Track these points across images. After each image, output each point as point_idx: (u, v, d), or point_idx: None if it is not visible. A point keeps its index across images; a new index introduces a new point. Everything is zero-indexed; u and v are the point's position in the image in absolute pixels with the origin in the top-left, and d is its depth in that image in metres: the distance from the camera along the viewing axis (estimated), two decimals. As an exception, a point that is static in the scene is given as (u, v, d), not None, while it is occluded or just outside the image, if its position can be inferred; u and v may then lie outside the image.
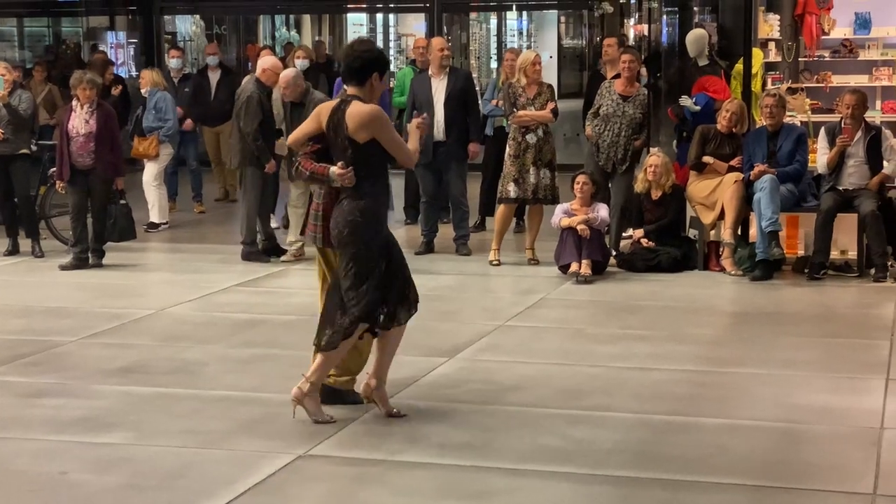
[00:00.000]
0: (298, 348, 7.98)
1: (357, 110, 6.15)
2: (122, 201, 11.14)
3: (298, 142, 6.49)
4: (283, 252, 11.19)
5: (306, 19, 23.29)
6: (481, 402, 6.70)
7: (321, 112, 6.33)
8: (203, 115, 14.66)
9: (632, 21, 23.25)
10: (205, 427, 6.28)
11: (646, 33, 17.35)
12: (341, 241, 6.26)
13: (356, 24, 22.81)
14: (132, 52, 20.25)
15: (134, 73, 19.13)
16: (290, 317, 8.95)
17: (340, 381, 6.64)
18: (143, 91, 13.41)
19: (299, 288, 10.19)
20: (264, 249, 11.22)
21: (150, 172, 13.06)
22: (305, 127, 6.46)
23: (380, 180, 6.32)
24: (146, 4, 19.47)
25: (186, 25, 21.75)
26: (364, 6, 22.71)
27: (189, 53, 20.51)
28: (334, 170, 6.21)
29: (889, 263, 10.03)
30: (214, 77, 14.95)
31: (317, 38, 22.53)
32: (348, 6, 22.31)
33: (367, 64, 6.22)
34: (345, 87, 6.39)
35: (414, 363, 7.51)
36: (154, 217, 13.01)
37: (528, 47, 23.83)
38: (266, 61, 11.29)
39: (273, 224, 12.12)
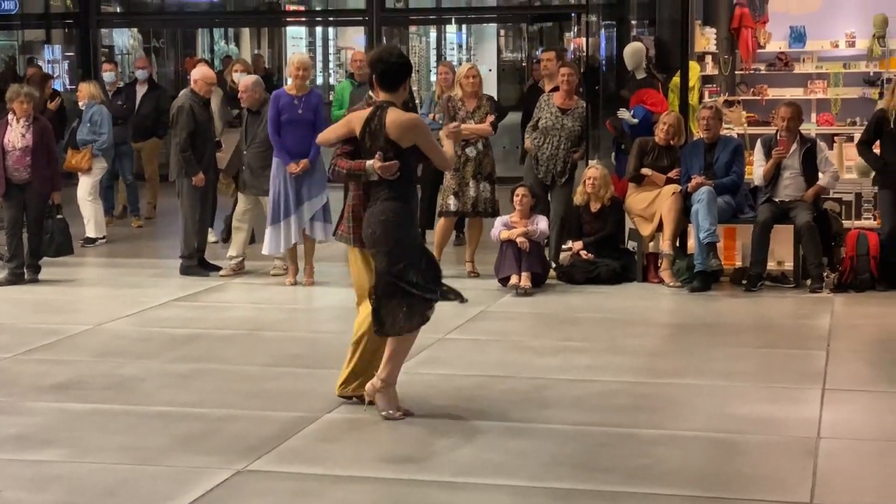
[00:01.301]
0: (237, 362, 7.97)
1: (399, 118, 6.41)
2: (59, 216, 11.02)
3: (328, 142, 6.76)
4: (211, 266, 11.11)
5: (245, 33, 23.21)
6: (421, 416, 6.68)
7: (352, 120, 6.58)
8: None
9: (571, 35, 23.38)
10: (142, 443, 6.23)
11: (584, 47, 17.45)
12: (376, 241, 6.46)
13: (295, 38, 22.76)
14: (67, 66, 20.07)
15: (70, 87, 18.97)
16: (229, 331, 8.90)
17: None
18: (80, 104, 13.31)
19: (238, 302, 10.14)
20: (201, 262, 11.14)
21: (84, 187, 12.93)
22: (336, 129, 6.72)
23: (411, 183, 6.61)
24: (83, 18, 19.31)
25: (124, 39, 21.60)
26: (303, 20, 22.73)
27: (126, 67, 20.35)
28: (372, 163, 6.38)
29: (825, 274, 10.15)
30: (141, 91, 14.79)
31: (255, 52, 22.46)
32: (287, 19, 22.30)
33: (400, 70, 6.52)
34: (370, 93, 6.71)
35: (354, 377, 7.49)
36: (90, 232, 12.89)
37: (468, 60, 23.90)
38: (198, 72, 11.24)
39: (211, 238, 12.05)
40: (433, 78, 23.59)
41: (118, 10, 21.35)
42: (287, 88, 10.65)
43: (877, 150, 10.42)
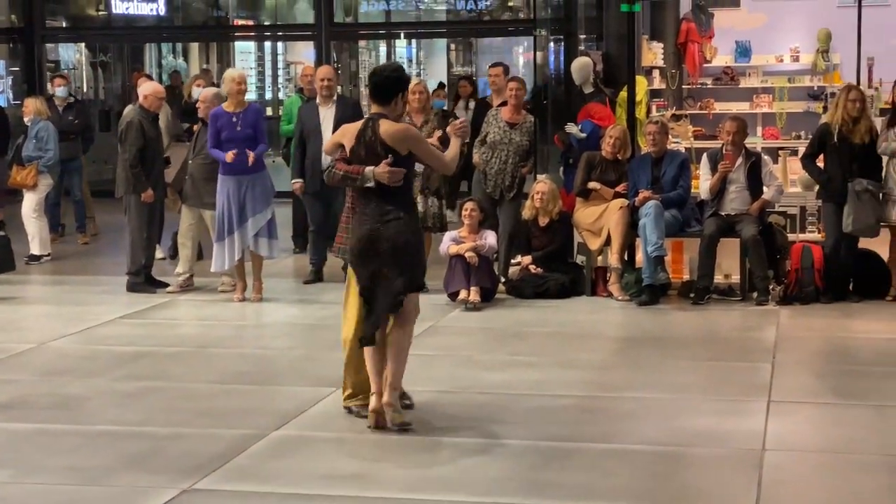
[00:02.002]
0: (184, 380, 7.92)
1: (391, 129, 6.52)
2: (1, 233, 10.91)
3: (329, 152, 6.92)
4: (159, 283, 11.04)
5: (194, 47, 23.11)
6: (370, 432, 6.67)
7: (346, 132, 6.69)
8: None
9: (521, 49, 23.48)
10: (87, 463, 6.17)
11: (532, 61, 17.55)
12: (391, 261, 6.49)
13: (244, 52, 22.72)
14: (11, 81, 19.88)
15: (14, 102, 18.79)
16: (176, 348, 8.85)
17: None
18: (25, 120, 13.19)
19: (186, 319, 10.09)
20: (148, 279, 11.08)
21: (29, 204, 12.81)
22: (331, 141, 6.89)
23: (409, 197, 6.70)
24: (27, 32, 19.16)
25: (70, 53, 21.44)
26: (252, 34, 22.66)
27: (74, 82, 20.19)
28: (372, 168, 6.44)
29: (770, 287, 10.24)
30: (62, 108, 14.57)
31: (204, 66, 22.36)
32: (236, 34, 22.24)
33: (393, 83, 6.63)
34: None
35: (302, 393, 7.48)
36: (35, 249, 12.75)
37: (417, 75, 23.94)
38: (147, 87, 11.18)
39: (158, 254, 11.98)
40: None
41: (64, 24, 21.19)
42: (225, 106, 10.60)
43: (821, 164, 10.52)
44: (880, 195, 10.22)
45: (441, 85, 13.10)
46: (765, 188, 10.52)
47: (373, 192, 6.53)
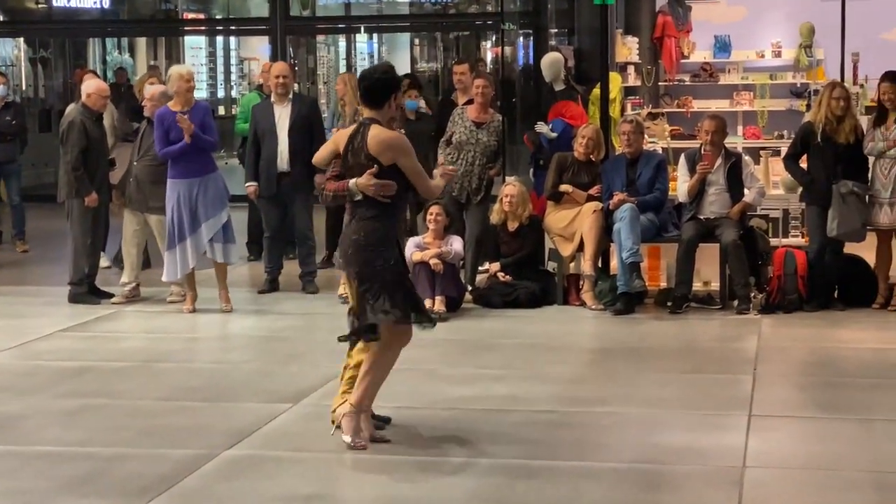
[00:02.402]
0: (130, 397, 7.88)
1: (379, 134, 6.59)
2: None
3: (322, 161, 6.90)
4: (103, 293, 10.98)
5: (141, 42, 23.02)
6: (328, 451, 6.66)
7: (338, 138, 6.80)
8: None
9: (488, 44, 23.52)
10: (24, 486, 6.12)
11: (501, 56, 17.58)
12: (347, 261, 6.67)
13: (194, 48, 22.64)
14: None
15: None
16: (122, 363, 8.81)
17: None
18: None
19: (132, 332, 10.05)
20: (92, 289, 11.01)
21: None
22: (325, 148, 6.92)
23: (393, 206, 6.68)
24: (-38, 27, 19.04)
25: (7, 49, 21.31)
26: (203, 28, 22.59)
27: (11, 80, 20.06)
28: (356, 181, 6.54)
29: (752, 294, 10.29)
30: None
31: (151, 63, 22.29)
32: (186, 28, 22.16)
33: (385, 86, 6.70)
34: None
35: (256, 410, 7.46)
36: (-31, 258, 12.67)
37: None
38: (91, 85, 11.12)
39: (104, 263, 11.91)
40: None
41: (0, 18, 21.06)
42: (171, 105, 10.57)
43: (804, 165, 10.58)
44: (866, 198, 10.29)
45: (414, 84, 13.05)
46: (745, 190, 10.57)
47: (357, 201, 6.63)
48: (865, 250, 10.51)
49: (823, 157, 10.30)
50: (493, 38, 21.18)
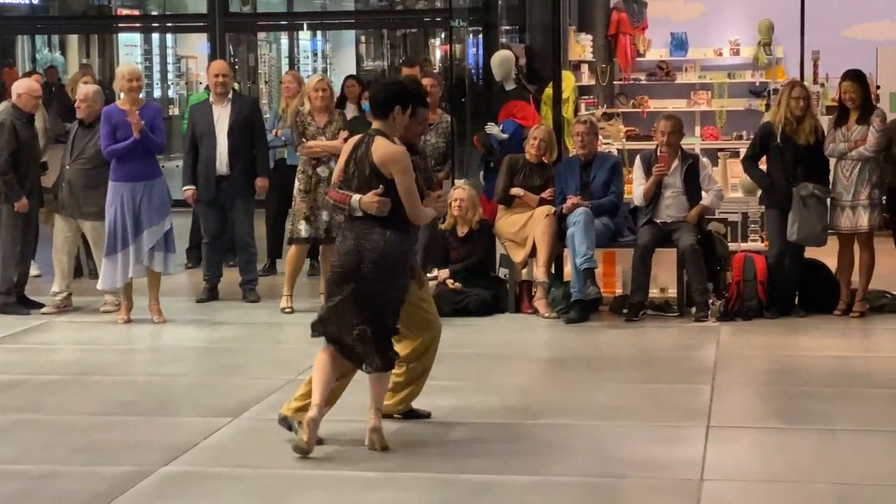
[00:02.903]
0: (61, 412, 7.83)
1: (383, 147, 6.74)
2: None
3: (338, 174, 7.00)
4: (33, 303, 10.90)
5: (72, 40, 22.88)
6: (270, 466, 6.64)
7: (348, 146, 6.94)
8: None
9: (437, 41, 23.56)
10: (-51, 507, 6.07)
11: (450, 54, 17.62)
12: (360, 275, 6.72)
13: (129, 45, 22.52)
14: None
15: None
16: (53, 376, 8.75)
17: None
18: None
19: (64, 343, 9.97)
20: (21, 299, 10.93)
21: None
22: (340, 160, 7.04)
23: (395, 222, 6.77)
24: None
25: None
26: (138, 25, 22.48)
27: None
28: (358, 198, 6.71)
29: (710, 301, 10.36)
30: None
31: (83, 61, 22.15)
32: (120, 25, 22.04)
33: (389, 97, 6.85)
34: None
35: (194, 424, 7.43)
36: None
37: (324, 70, 23.91)
38: (21, 85, 11.05)
39: (34, 271, 11.82)
40: (285, 90, 23.54)
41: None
42: (119, 103, 10.53)
43: (763, 167, 10.66)
44: (827, 201, 10.37)
45: (362, 85, 13.04)
46: (703, 193, 10.63)
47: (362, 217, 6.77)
48: (827, 255, 10.61)
49: (783, 158, 10.37)
50: (442, 36, 21.22)
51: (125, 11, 22.47)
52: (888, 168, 10.33)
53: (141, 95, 10.74)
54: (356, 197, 6.74)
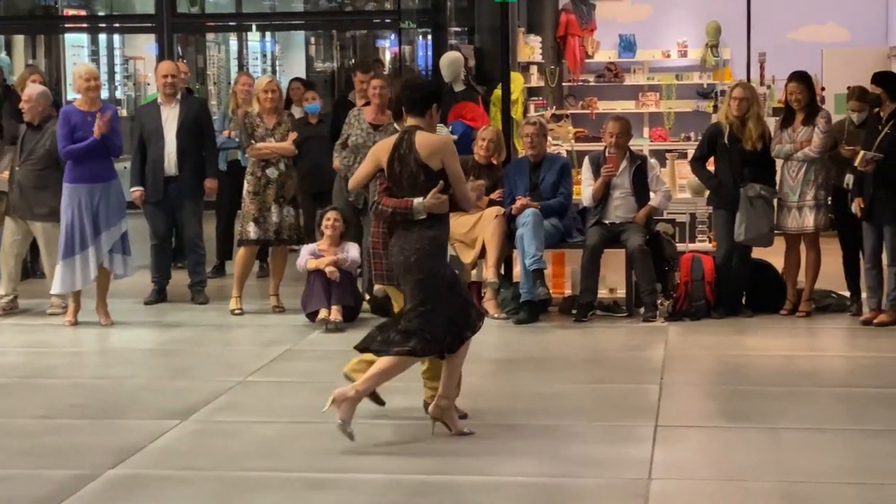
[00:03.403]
0: (6, 415, 7.78)
1: (429, 138, 6.95)
2: None
3: (360, 184, 7.34)
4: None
5: (18, 40, 22.65)
6: (218, 469, 6.63)
7: (378, 150, 7.09)
8: None
9: (387, 43, 23.54)
10: None
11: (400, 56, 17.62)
12: (408, 268, 6.96)
13: (76, 46, 22.32)
14: None
15: None
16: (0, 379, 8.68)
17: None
18: None
19: (10, 346, 9.91)
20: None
21: None
22: (364, 169, 7.20)
23: (445, 214, 7.03)
24: None
25: None
26: (85, 26, 22.30)
27: None
28: (421, 201, 6.86)
29: (658, 301, 10.41)
30: None
31: (30, 62, 21.95)
32: (66, 25, 21.86)
33: (429, 95, 7.10)
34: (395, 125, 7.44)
35: (142, 427, 7.39)
36: None
37: (273, 71, 23.82)
38: (-31, 87, 10.97)
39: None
40: (235, 91, 23.43)
41: None
42: (77, 104, 10.45)
43: (711, 168, 10.72)
44: (774, 201, 10.45)
45: (309, 86, 12.98)
46: (651, 194, 10.68)
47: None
48: (774, 255, 10.69)
49: (730, 159, 10.43)
50: (392, 37, 21.20)
51: (72, 12, 22.28)
52: (834, 169, 10.41)
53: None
54: (419, 201, 6.87)
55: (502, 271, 10.79)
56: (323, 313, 10.13)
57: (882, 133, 9.92)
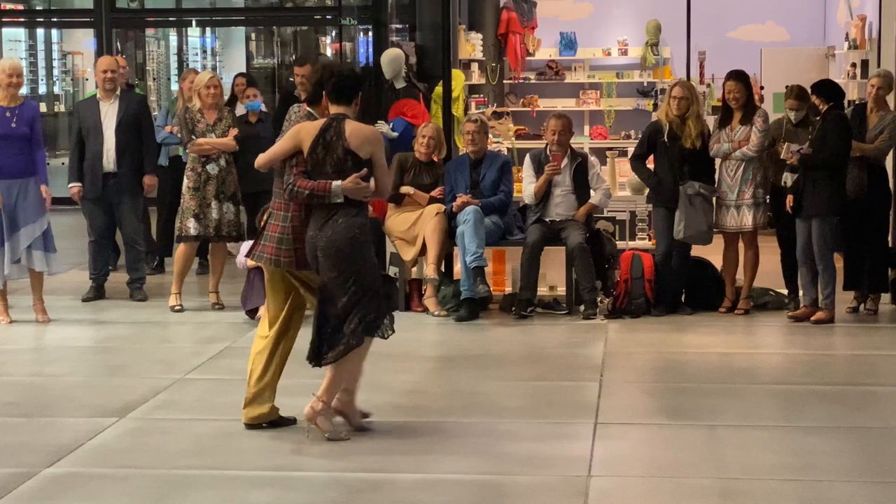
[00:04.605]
0: (-58, 414, 7.67)
1: (359, 128, 6.98)
2: None
3: (274, 161, 7.07)
4: None
5: (-47, 34, 22.42)
6: (156, 467, 6.58)
7: (302, 132, 6.97)
8: None
9: (328, 39, 23.49)
10: None
11: (343, 52, 17.56)
12: (340, 258, 6.86)
13: (13, 41, 22.11)
14: None
15: None
16: (-67, 378, 8.58)
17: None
18: None
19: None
20: None
21: None
22: (282, 147, 7.04)
23: (366, 203, 7.08)
24: None
25: None
26: (22, 20, 22.08)
27: None
28: (340, 183, 6.82)
29: (598, 299, 10.44)
30: None
31: (-34, 56, 21.73)
32: (3, 19, 21.64)
33: (356, 84, 7.11)
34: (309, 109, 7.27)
35: (78, 425, 7.33)
36: None
37: (213, 67, 23.69)
38: None
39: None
40: (174, 87, 23.31)
41: None
42: None
43: (651, 166, 10.76)
44: (713, 199, 10.51)
45: (251, 82, 12.88)
46: (592, 192, 10.71)
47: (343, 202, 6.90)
48: (712, 253, 10.76)
49: (670, 157, 10.47)
50: (333, 34, 21.15)
51: (9, 6, 22.05)
52: (772, 167, 10.48)
53: (23, 91, 10.53)
54: (337, 183, 6.83)
55: (443, 268, 10.79)
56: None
57: (816, 128, 10.02)
